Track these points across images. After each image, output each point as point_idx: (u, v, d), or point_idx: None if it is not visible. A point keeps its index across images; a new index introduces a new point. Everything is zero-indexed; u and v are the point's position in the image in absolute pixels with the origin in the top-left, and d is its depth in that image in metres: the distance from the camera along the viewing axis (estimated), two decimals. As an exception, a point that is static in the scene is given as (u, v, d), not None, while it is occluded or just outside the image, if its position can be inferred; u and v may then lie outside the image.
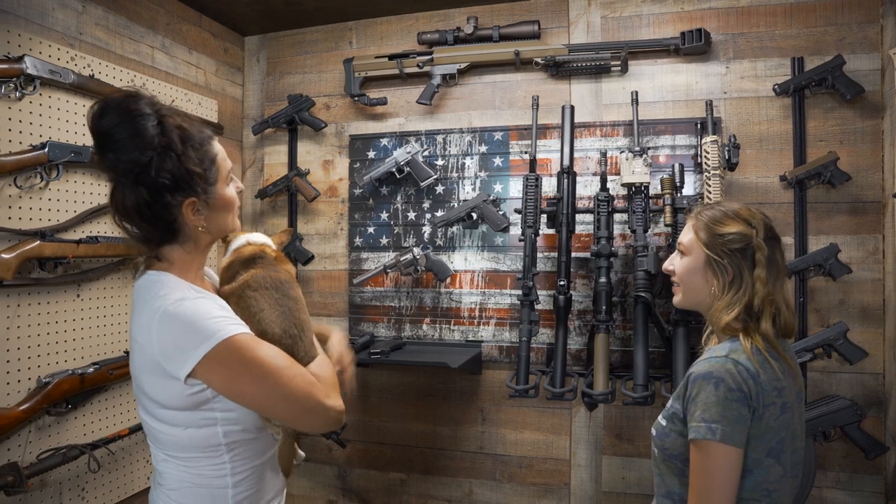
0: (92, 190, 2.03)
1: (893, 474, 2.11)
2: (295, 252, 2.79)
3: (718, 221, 1.34)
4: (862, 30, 2.24)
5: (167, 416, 1.15)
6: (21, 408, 1.74)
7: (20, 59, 1.76)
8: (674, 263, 1.44)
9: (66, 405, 1.87)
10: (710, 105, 2.28)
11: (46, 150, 1.82)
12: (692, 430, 1.22)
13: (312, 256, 2.82)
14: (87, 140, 2.00)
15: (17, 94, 1.78)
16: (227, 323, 1.11)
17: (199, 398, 1.12)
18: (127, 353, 2.04)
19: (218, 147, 1.22)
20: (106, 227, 2.07)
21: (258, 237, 1.35)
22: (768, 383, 1.22)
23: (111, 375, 1.97)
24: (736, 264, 1.31)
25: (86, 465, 1.90)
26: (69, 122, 1.95)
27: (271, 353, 1.13)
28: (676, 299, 1.44)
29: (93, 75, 2.01)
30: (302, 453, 1.40)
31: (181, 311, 1.09)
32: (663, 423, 1.34)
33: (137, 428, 2.10)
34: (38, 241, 1.77)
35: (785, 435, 1.24)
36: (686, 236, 1.40)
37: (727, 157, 2.17)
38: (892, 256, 2.13)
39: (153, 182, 1.09)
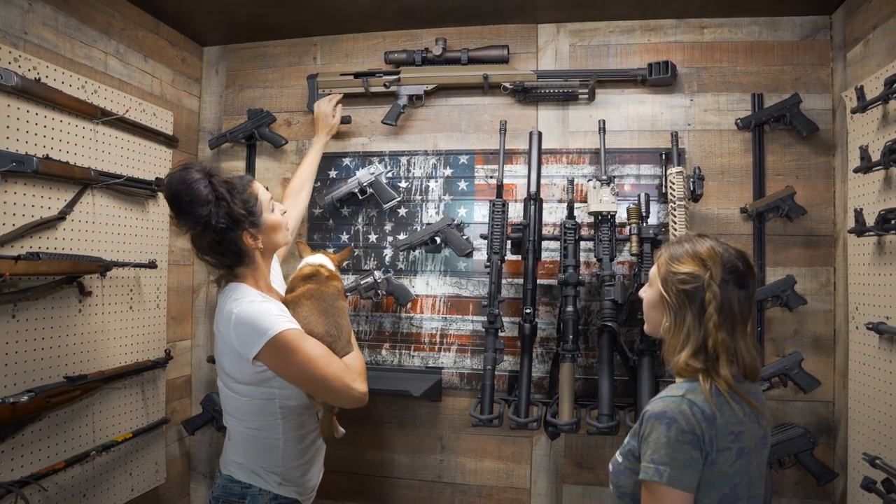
0: (34, 202, 1.86)
1: (842, 500, 2.16)
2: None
3: (677, 259, 1.29)
4: (815, 71, 2.34)
5: (238, 389, 1.54)
6: (-58, 441, 1.56)
7: (-43, 57, 1.62)
8: (643, 293, 1.43)
9: (-7, 438, 1.69)
10: (675, 136, 2.32)
11: (-16, 157, 1.67)
12: (642, 471, 1.20)
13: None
14: (31, 148, 1.85)
15: (-48, 95, 1.63)
16: (282, 321, 1.47)
17: (263, 376, 1.49)
18: (67, 377, 1.92)
19: (257, 186, 1.59)
20: (49, 243, 1.91)
21: (317, 259, 1.78)
22: (725, 427, 1.19)
23: (48, 403, 1.81)
24: (682, 304, 1.26)
25: (13, 505, 1.73)
26: (10, 128, 1.79)
27: (313, 346, 1.49)
28: (645, 327, 1.43)
29: (39, 79, 1.86)
30: (342, 430, 1.73)
31: (250, 311, 1.47)
32: (619, 459, 1.32)
33: (76, 460, 1.93)
34: (-29, 257, 1.61)
35: (740, 481, 1.21)
36: (653, 268, 1.39)
37: (692, 189, 2.20)
38: (843, 289, 2.20)
39: (216, 227, 1.46)
